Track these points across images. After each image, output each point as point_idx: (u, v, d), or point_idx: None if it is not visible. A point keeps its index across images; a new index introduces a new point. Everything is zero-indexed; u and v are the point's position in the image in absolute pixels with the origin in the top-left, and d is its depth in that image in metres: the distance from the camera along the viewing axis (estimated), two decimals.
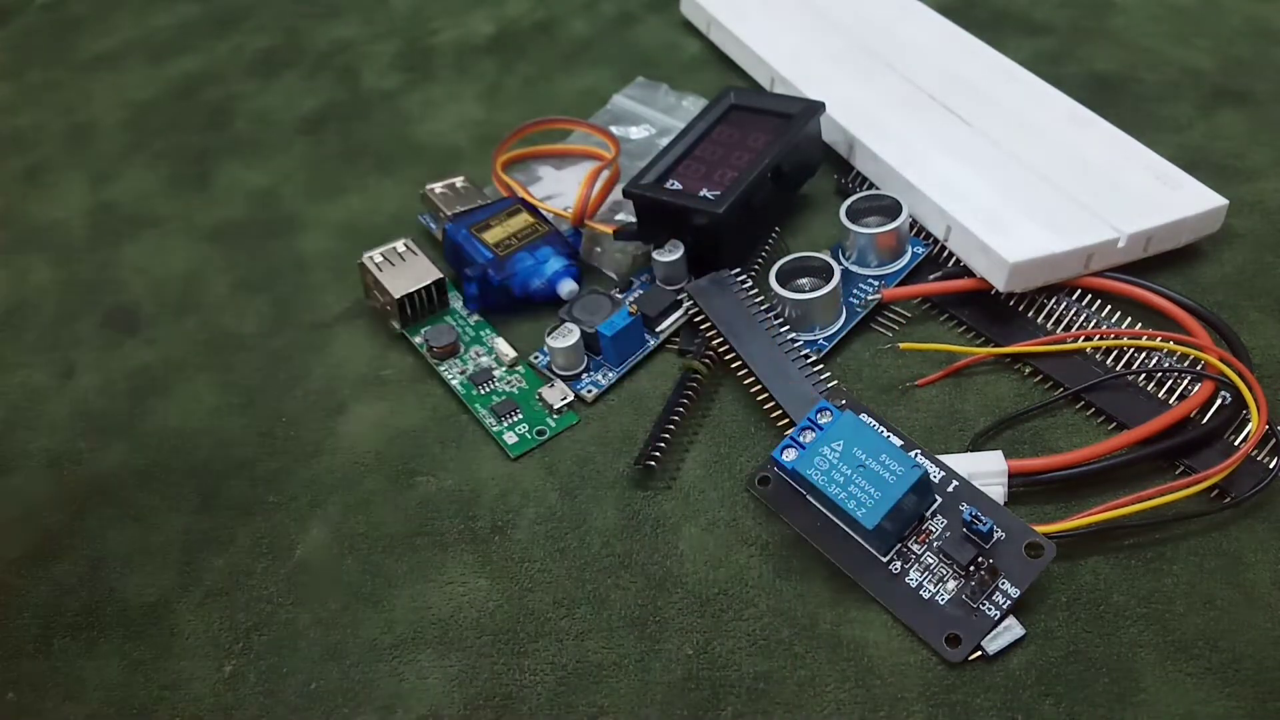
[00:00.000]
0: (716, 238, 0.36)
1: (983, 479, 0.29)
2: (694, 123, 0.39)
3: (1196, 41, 0.46)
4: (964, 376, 0.33)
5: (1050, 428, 0.31)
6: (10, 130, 0.52)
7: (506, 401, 0.34)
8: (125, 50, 0.57)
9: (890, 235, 0.35)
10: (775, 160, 0.37)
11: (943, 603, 0.27)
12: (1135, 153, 0.37)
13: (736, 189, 0.35)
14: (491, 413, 0.34)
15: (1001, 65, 0.42)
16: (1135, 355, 0.32)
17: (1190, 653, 0.26)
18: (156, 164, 0.48)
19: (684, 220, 0.36)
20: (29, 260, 0.44)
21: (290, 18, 0.58)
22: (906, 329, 0.35)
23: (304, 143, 0.48)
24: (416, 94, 0.50)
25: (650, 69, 0.49)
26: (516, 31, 0.54)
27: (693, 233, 0.36)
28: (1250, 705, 0.25)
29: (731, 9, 0.49)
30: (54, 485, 0.34)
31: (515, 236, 0.38)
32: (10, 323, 0.41)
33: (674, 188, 0.37)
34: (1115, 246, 0.34)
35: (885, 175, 0.38)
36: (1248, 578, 0.27)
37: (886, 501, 0.26)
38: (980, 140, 0.38)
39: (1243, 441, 0.29)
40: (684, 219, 0.36)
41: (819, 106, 0.39)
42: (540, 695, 0.27)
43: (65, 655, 0.29)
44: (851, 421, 0.28)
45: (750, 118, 0.39)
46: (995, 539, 0.27)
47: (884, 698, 0.26)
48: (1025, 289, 0.33)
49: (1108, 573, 0.27)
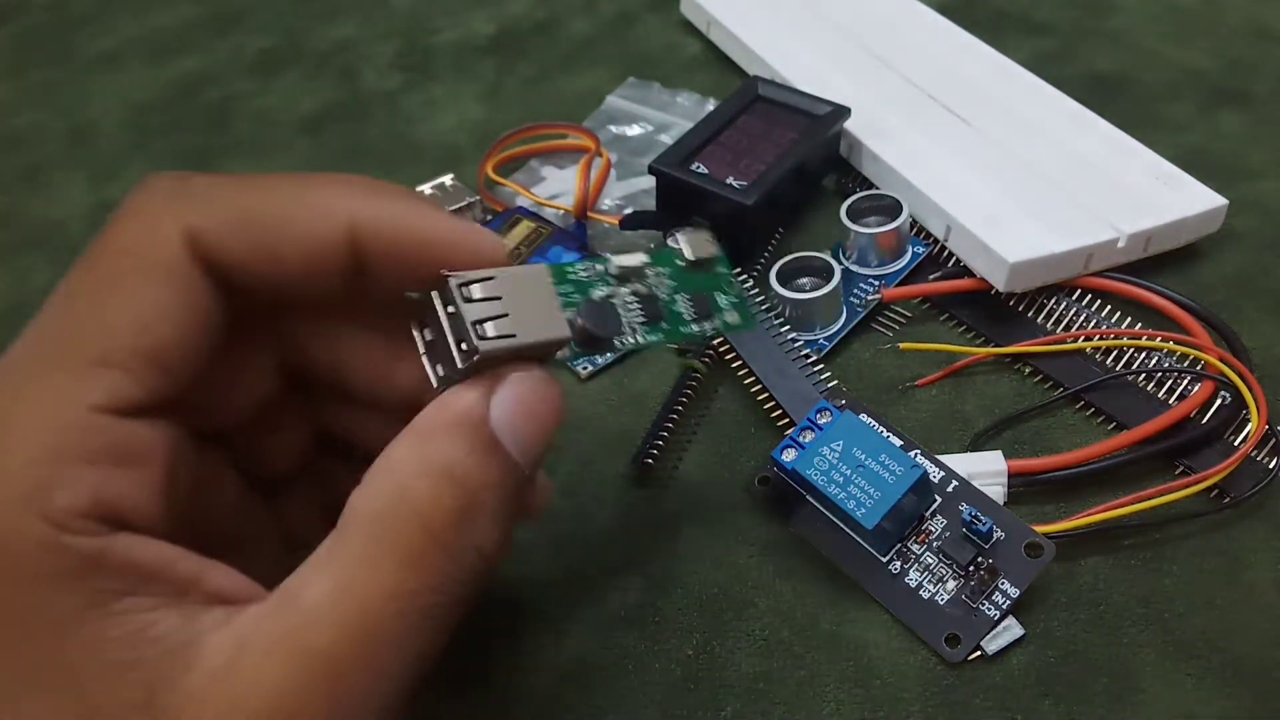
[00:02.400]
0: (741, 228, 0.36)
1: (982, 479, 0.29)
2: (719, 109, 0.40)
3: (1196, 41, 0.46)
4: (964, 376, 0.33)
5: (1050, 428, 0.31)
6: (10, 130, 0.52)
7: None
8: (125, 50, 0.57)
9: (890, 235, 0.35)
10: (802, 159, 0.37)
11: (942, 603, 0.27)
12: (1135, 153, 0.37)
13: (765, 182, 0.36)
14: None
15: (1001, 65, 0.42)
16: (1135, 355, 0.32)
17: (1190, 653, 0.26)
18: (156, 164, 0.48)
19: (709, 206, 0.36)
20: (29, 260, 0.44)
21: (290, 18, 0.58)
22: (906, 329, 0.35)
23: (304, 143, 0.48)
24: (416, 94, 0.50)
25: (650, 69, 0.49)
26: (516, 31, 0.54)
27: (715, 220, 0.36)
28: (1250, 705, 0.25)
29: (731, 9, 0.49)
30: None
31: (523, 245, 0.38)
32: (10, 323, 0.41)
33: (700, 171, 0.37)
34: (1115, 246, 0.34)
35: (885, 175, 0.38)
36: (1248, 578, 0.27)
37: (886, 501, 0.26)
38: (980, 140, 0.38)
39: (1242, 441, 0.29)
40: (709, 205, 0.36)
41: (845, 111, 0.39)
42: (540, 695, 0.27)
43: None
44: (851, 421, 0.28)
45: (776, 112, 0.40)
46: (995, 539, 0.27)
47: (884, 698, 0.26)
48: (1025, 289, 0.33)
49: (1108, 573, 0.27)
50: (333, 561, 0.18)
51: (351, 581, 0.18)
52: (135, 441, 0.18)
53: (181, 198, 0.19)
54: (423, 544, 0.18)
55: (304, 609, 0.17)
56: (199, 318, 0.19)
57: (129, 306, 0.18)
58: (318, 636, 0.17)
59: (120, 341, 0.17)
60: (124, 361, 0.17)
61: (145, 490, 0.18)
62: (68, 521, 0.16)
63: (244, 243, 0.19)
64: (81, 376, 0.17)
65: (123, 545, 0.17)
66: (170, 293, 0.18)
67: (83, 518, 0.16)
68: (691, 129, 0.39)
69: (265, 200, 0.19)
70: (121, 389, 0.17)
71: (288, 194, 0.20)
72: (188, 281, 0.18)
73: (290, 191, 0.20)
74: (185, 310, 0.18)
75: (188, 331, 0.18)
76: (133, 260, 0.18)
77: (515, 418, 0.20)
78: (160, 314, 0.18)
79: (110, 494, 0.17)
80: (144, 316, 0.18)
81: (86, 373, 0.17)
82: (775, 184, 0.36)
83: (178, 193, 0.19)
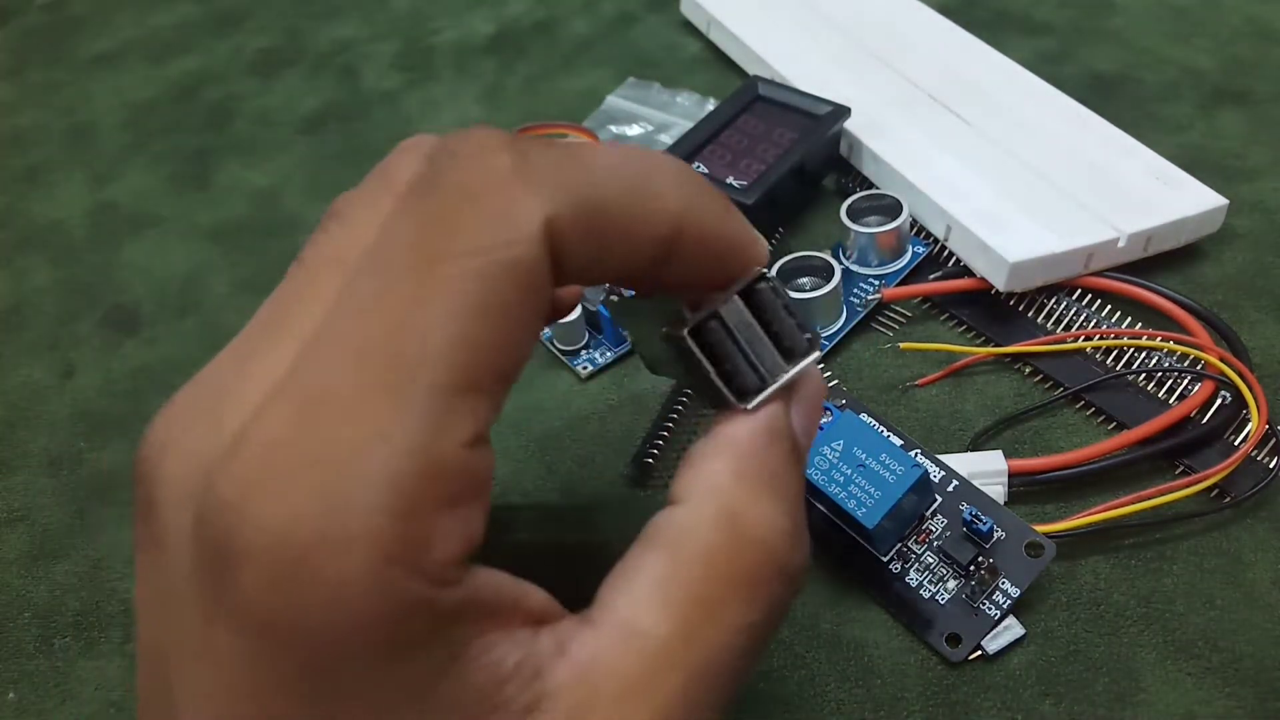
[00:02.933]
0: None
1: (983, 479, 0.29)
2: (719, 109, 0.40)
3: (1196, 41, 0.46)
4: (964, 376, 0.33)
5: (1050, 428, 0.31)
6: (10, 130, 0.52)
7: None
8: (125, 50, 0.58)
9: (891, 235, 0.35)
10: (801, 159, 0.37)
11: (943, 602, 0.27)
12: (1135, 153, 0.37)
13: (765, 182, 0.36)
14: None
15: (1001, 65, 0.42)
16: (1135, 355, 0.32)
17: (1190, 653, 0.26)
18: (156, 164, 0.48)
19: None
20: (29, 260, 0.44)
21: (290, 18, 0.58)
22: (906, 329, 0.35)
23: (304, 143, 0.48)
24: (416, 94, 0.50)
25: (650, 69, 0.49)
26: (516, 31, 0.54)
27: None
28: (1250, 705, 0.25)
29: (731, 9, 0.48)
30: (54, 485, 0.34)
31: None
32: (10, 323, 0.41)
33: (700, 171, 0.37)
34: (1115, 246, 0.34)
35: (885, 175, 0.38)
36: (1248, 578, 0.27)
37: (886, 501, 0.26)
38: (980, 140, 0.38)
39: (1243, 441, 0.29)
40: None
41: (845, 111, 0.39)
42: None
43: (65, 655, 0.29)
44: (851, 421, 0.28)
45: (776, 111, 0.40)
46: (995, 539, 0.27)
47: (884, 698, 0.26)
48: (1025, 288, 0.33)
49: (1108, 573, 0.27)
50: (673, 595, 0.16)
51: (701, 621, 0.16)
52: (484, 469, 0.15)
53: (535, 177, 0.15)
54: (768, 573, 0.17)
55: (654, 653, 0.16)
56: (543, 322, 0.16)
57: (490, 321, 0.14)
58: (672, 682, 0.15)
59: (484, 364, 0.14)
60: (488, 385, 0.15)
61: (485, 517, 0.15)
62: (445, 574, 0.14)
63: (586, 234, 0.16)
64: (448, 409, 0.14)
65: (482, 583, 0.15)
66: (531, 301, 0.15)
67: (456, 566, 0.14)
68: (691, 129, 0.39)
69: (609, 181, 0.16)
70: (488, 417, 0.15)
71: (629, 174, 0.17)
72: (544, 284, 0.15)
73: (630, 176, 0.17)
74: (540, 318, 0.16)
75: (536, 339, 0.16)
76: (488, 262, 0.14)
77: (808, 425, 0.18)
78: (521, 328, 0.15)
79: (474, 532, 0.15)
80: (506, 333, 0.15)
81: (451, 404, 0.14)
82: (775, 184, 0.36)
83: (527, 169, 0.15)
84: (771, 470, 0.17)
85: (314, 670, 0.13)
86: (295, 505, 0.13)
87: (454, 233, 0.15)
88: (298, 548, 0.13)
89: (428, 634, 0.14)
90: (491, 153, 0.15)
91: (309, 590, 0.13)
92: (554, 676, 0.15)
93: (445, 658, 0.14)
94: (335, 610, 0.13)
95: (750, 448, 0.17)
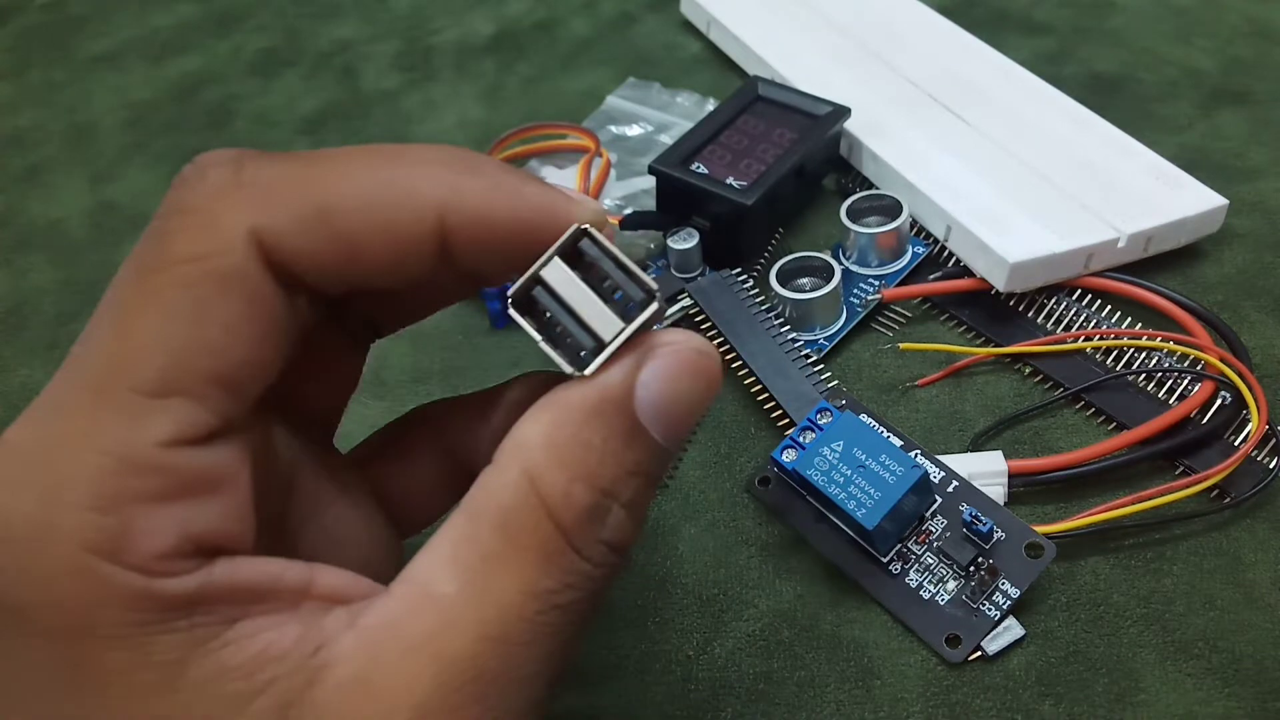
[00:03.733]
0: (740, 229, 0.36)
1: (983, 479, 0.29)
2: (719, 109, 0.40)
3: (1196, 41, 0.46)
4: (964, 376, 0.33)
5: (1050, 428, 0.31)
6: (10, 130, 0.52)
7: None
8: (125, 50, 0.57)
9: (890, 235, 0.35)
10: (801, 160, 0.37)
11: (943, 603, 0.27)
12: (1135, 153, 0.37)
13: (765, 182, 0.36)
14: None
15: (1001, 65, 0.42)
16: (1135, 355, 0.32)
17: (1190, 653, 0.26)
18: (156, 164, 0.48)
19: (708, 206, 0.36)
20: (29, 260, 0.44)
21: (290, 18, 0.58)
22: (906, 329, 0.35)
23: (304, 143, 0.48)
24: (416, 94, 0.50)
25: (650, 69, 0.49)
26: (516, 31, 0.54)
27: (715, 220, 0.36)
28: (1250, 705, 0.25)
29: (731, 9, 0.49)
30: None
31: None
32: (10, 323, 0.41)
33: (700, 171, 0.37)
34: (1115, 246, 0.34)
35: (885, 175, 0.38)
36: (1248, 578, 0.27)
37: (886, 502, 0.26)
38: (980, 140, 0.38)
39: (1243, 441, 0.29)
40: (709, 205, 0.36)
41: (845, 111, 0.39)
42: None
43: None
44: (851, 422, 0.28)
45: (776, 111, 0.40)
46: (995, 539, 0.27)
47: (884, 698, 0.26)
48: (1025, 289, 0.33)
49: (1108, 573, 0.27)
50: (463, 555, 0.16)
51: (487, 580, 0.16)
52: (215, 467, 0.16)
53: (242, 191, 0.17)
54: (556, 541, 0.16)
55: (439, 611, 0.16)
56: (271, 328, 0.17)
57: (193, 327, 0.16)
58: (458, 640, 0.16)
59: (186, 367, 0.16)
60: (191, 388, 0.16)
61: (235, 511, 0.16)
62: (155, 566, 0.15)
63: (319, 240, 0.17)
64: (144, 411, 0.15)
65: (222, 572, 0.15)
66: (239, 307, 0.16)
67: (172, 558, 0.15)
68: (691, 129, 0.39)
69: (339, 187, 0.17)
70: (192, 419, 0.16)
71: (365, 177, 0.17)
72: (257, 292, 0.16)
73: (368, 174, 0.17)
74: (256, 324, 0.16)
75: (260, 346, 0.16)
76: (192, 271, 0.16)
77: (662, 398, 0.17)
78: (229, 333, 0.16)
79: (198, 527, 0.15)
80: (211, 337, 0.16)
81: (149, 405, 0.15)
82: (775, 184, 0.36)
83: (236, 184, 0.17)
84: (585, 440, 0.17)
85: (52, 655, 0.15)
86: (19, 500, 0.15)
87: (166, 246, 0.16)
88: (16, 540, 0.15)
89: (158, 620, 0.15)
90: (209, 169, 0.17)
91: (24, 576, 0.15)
92: (337, 648, 0.15)
93: (190, 641, 0.15)
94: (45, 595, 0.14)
95: (568, 415, 0.17)
